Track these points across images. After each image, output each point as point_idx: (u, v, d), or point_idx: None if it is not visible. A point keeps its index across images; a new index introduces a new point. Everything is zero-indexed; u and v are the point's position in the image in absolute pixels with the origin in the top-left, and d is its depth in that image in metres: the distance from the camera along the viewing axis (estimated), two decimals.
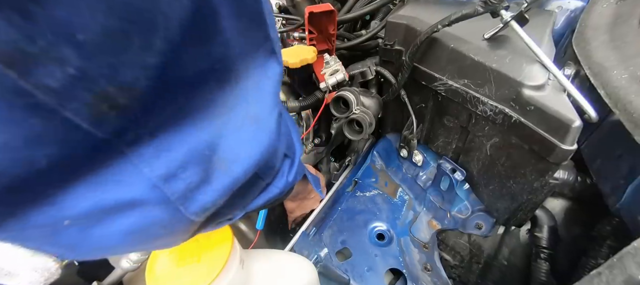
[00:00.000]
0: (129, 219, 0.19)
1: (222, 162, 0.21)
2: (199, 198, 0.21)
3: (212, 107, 0.21)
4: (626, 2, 0.49)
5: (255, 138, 0.24)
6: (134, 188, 0.18)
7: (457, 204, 0.62)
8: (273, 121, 0.25)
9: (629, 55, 0.41)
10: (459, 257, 0.71)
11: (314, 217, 0.67)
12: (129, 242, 0.21)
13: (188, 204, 0.20)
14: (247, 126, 0.23)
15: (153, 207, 0.19)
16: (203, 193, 0.21)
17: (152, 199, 0.19)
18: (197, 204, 0.21)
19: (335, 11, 0.59)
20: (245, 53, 0.22)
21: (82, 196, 0.17)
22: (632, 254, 0.29)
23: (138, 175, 0.18)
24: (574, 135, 0.38)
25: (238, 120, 0.22)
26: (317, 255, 0.61)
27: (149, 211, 0.19)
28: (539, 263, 0.58)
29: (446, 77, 0.51)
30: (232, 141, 0.22)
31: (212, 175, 0.21)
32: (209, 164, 0.21)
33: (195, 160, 0.20)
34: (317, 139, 0.75)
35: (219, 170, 0.21)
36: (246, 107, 0.23)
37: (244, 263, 0.38)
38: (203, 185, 0.21)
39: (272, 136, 0.25)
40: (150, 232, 0.21)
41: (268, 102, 0.25)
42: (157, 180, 0.19)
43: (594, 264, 0.48)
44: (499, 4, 0.42)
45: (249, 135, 0.23)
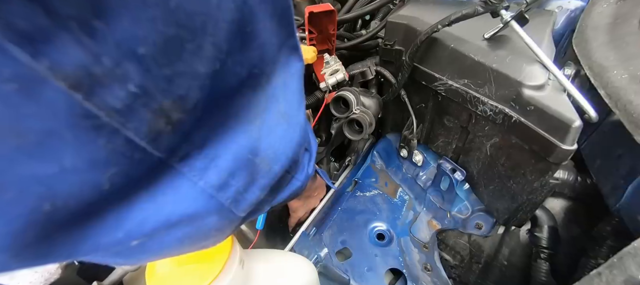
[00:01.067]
0: (189, 228, 0.20)
1: (263, 162, 0.23)
2: (247, 198, 0.22)
3: (249, 112, 0.21)
4: (626, 2, 0.49)
5: (287, 135, 0.25)
6: (193, 202, 0.19)
7: (457, 204, 0.62)
8: (301, 116, 0.27)
9: (629, 55, 0.41)
10: (459, 257, 0.71)
11: (314, 217, 0.67)
12: (185, 245, 0.22)
13: (239, 205, 0.22)
14: (280, 125, 0.24)
15: (211, 214, 0.20)
16: (250, 193, 0.22)
17: (210, 208, 0.20)
18: (246, 203, 0.22)
19: (335, 11, 0.59)
20: (275, 52, 0.23)
21: (147, 216, 0.18)
22: (632, 254, 0.29)
23: (194, 189, 0.19)
24: (574, 135, 0.38)
25: (272, 120, 0.23)
26: (317, 255, 0.61)
27: (208, 218, 0.21)
28: (539, 263, 0.58)
29: (446, 77, 0.51)
30: (269, 141, 0.23)
31: (257, 176, 0.22)
32: (253, 167, 0.22)
33: (241, 166, 0.21)
34: (317, 139, 0.75)
35: (261, 170, 0.23)
36: (277, 106, 0.23)
37: (244, 263, 0.38)
38: (249, 186, 0.22)
39: (301, 131, 0.26)
40: (206, 234, 0.22)
41: (295, 99, 0.26)
42: (212, 191, 0.20)
43: (594, 264, 0.48)
44: (499, 4, 0.42)
45: (282, 133, 0.24)
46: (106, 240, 0.17)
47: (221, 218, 0.21)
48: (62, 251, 0.16)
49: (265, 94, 0.22)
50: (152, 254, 0.22)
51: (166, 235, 0.19)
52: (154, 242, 0.19)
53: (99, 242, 0.17)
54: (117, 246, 0.18)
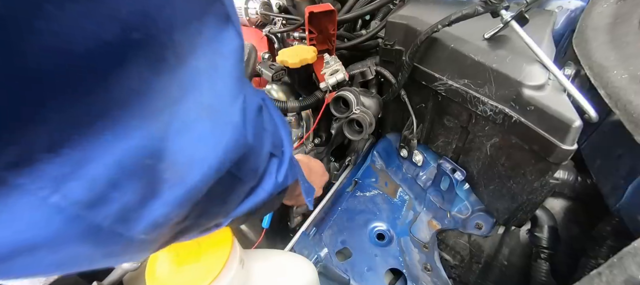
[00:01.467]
0: (56, 252, 0.15)
1: (171, 169, 0.17)
2: (144, 215, 0.17)
3: (147, 100, 0.16)
4: (626, 2, 0.49)
5: (212, 134, 0.19)
6: (43, 223, 0.14)
7: (457, 204, 0.62)
8: (236, 112, 0.20)
9: (629, 55, 0.41)
10: (459, 257, 0.71)
11: (314, 217, 0.67)
12: (63, 270, 0.17)
13: (130, 224, 0.16)
14: (201, 121, 0.18)
15: (81, 239, 0.15)
16: (149, 209, 0.17)
17: (74, 232, 0.15)
18: (144, 222, 0.17)
19: (335, 11, 0.59)
20: (186, 20, 0.17)
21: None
22: (632, 254, 0.29)
23: (42, 207, 0.14)
24: (574, 135, 0.38)
25: (188, 114, 0.18)
26: (317, 255, 0.61)
27: (75, 246, 0.15)
28: (539, 263, 0.58)
29: (446, 77, 0.51)
30: (181, 142, 0.17)
31: (161, 187, 0.17)
32: (152, 175, 0.17)
33: (131, 173, 0.16)
34: (317, 139, 0.75)
35: (169, 179, 0.17)
36: (197, 96, 0.18)
37: (244, 263, 0.38)
38: (148, 201, 0.17)
39: (236, 130, 0.20)
40: (95, 256, 0.17)
41: (227, 88, 0.20)
42: (77, 210, 0.14)
43: (594, 264, 0.48)
44: (499, 4, 0.42)
45: (204, 131, 0.19)
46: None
47: (103, 242, 0.16)
48: None
49: (177, 79, 0.17)
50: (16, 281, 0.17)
51: (21, 265, 0.15)
52: (10, 272, 0.15)
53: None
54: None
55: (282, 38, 0.83)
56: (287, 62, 0.58)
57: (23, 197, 0.13)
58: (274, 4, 0.89)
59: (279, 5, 0.87)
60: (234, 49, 0.20)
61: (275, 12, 0.86)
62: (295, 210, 0.73)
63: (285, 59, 0.58)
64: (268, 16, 0.87)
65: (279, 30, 0.81)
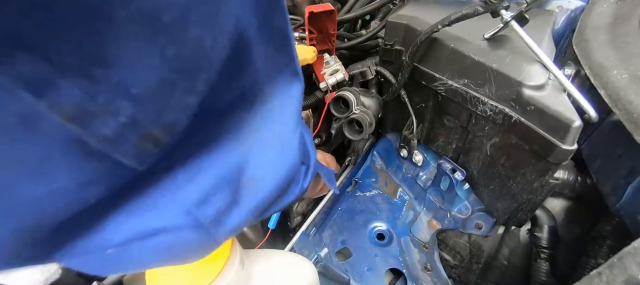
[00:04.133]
0: (164, 241, 0.19)
1: (250, 182, 0.22)
2: (228, 221, 0.21)
3: (240, 131, 0.21)
4: (626, 2, 0.49)
5: (280, 157, 0.24)
6: (169, 214, 0.19)
7: (457, 204, 0.62)
8: (296, 140, 0.26)
9: (629, 55, 0.41)
10: (459, 257, 0.71)
11: (314, 217, 0.67)
12: (160, 259, 0.21)
13: (219, 226, 0.21)
14: (273, 146, 0.24)
15: (186, 230, 0.20)
16: (233, 215, 0.21)
17: (186, 223, 0.19)
18: (227, 227, 0.21)
19: (335, 11, 0.59)
20: (272, 76, 0.23)
21: (123, 225, 0.18)
22: (632, 254, 0.29)
23: (172, 202, 0.19)
24: (574, 135, 0.38)
25: (264, 140, 0.23)
26: (317, 255, 0.61)
27: (183, 234, 0.20)
28: (539, 263, 0.58)
29: (446, 77, 0.51)
30: (259, 161, 0.22)
31: (241, 196, 0.22)
32: (237, 186, 0.21)
33: (225, 184, 0.20)
34: (317, 139, 0.75)
35: (247, 191, 0.22)
36: (272, 127, 0.23)
37: (244, 263, 0.38)
38: (233, 207, 0.21)
39: (295, 155, 0.26)
40: (181, 251, 0.21)
41: (292, 122, 0.25)
42: (190, 206, 0.19)
43: (594, 264, 0.48)
44: (499, 3, 0.42)
45: (274, 154, 0.24)
46: (85, 247, 0.17)
47: (198, 236, 0.20)
48: (42, 256, 0.16)
49: (259, 115, 0.22)
50: (128, 264, 0.21)
51: (141, 246, 0.19)
52: (131, 252, 0.19)
53: (76, 248, 0.17)
54: (95, 252, 0.18)
55: None
56: None
57: (164, 193, 0.18)
58: None
59: None
60: (298, 94, 0.26)
61: None
62: (295, 210, 0.73)
63: None
64: None
65: None
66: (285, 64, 0.24)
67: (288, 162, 0.25)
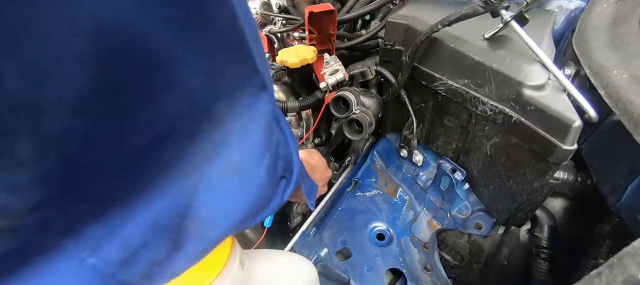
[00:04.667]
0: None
1: (194, 225, 0.18)
2: (168, 269, 0.18)
3: (181, 165, 0.17)
4: (626, 2, 0.49)
5: (238, 193, 0.20)
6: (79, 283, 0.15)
7: (457, 204, 0.62)
8: (262, 171, 0.21)
9: (629, 55, 0.41)
10: (459, 257, 0.71)
11: (314, 217, 0.67)
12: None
13: (155, 279, 0.17)
14: (228, 179, 0.19)
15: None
16: (173, 262, 0.18)
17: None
18: (166, 275, 0.18)
19: (335, 11, 0.59)
20: (228, 93, 0.18)
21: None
22: (632, 254, 0.29)
23: (81, 270, 0.15)
24: (574, 135, 0.38)
25: (216, 173, 0.18)
26: (317, 255, 0.61)
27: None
28: (539, 263, 0.58)
29: (446, 77, 0.51)
30: (208, 199, 0.18)
31: (184, 241, 0.18)
32: (179, 232, 0.17)
33: (161, 232, 0.16)
34: (317, 139, 0.75)
35: (191, 235, 0.18)
36: (227, 156, 0.19)
37: (244, 263, 0.38)
38: (173, 254, 0.17)
39: (261, 188, 0.21)
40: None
41: (256, 149, 0.21)
42: (110, 269, 0.15)
43: (594, 264, 0.48)
44: (499, 4, 0.42)
45: (230, 189, 0.19)
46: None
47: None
48: None
49: (210, 142, 0.17)
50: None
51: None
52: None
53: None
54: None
55: (282, 38, 0.83)
56: (287, 62, 0.58)
57: (65, 259, 0.14)
58: (274, 4, 0.89)
59: (279, 5, 0.87)
60: (265, 113, 0.21)
61: (275, 12, 0.86)
62: (295, 210, 0.73)
63: (285, 59, 0.58)
64: (268, 16, 0.87)
65: (279, 30, 0.81)
66: (248, 76, 0.19)
67: (249, 199, 0.21)
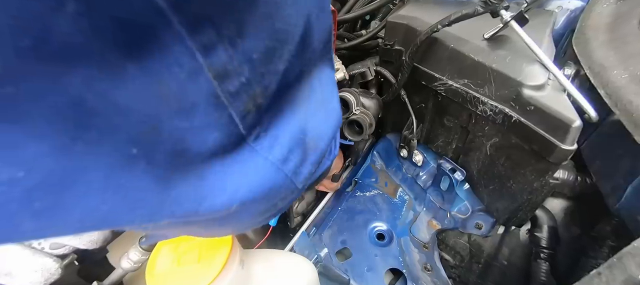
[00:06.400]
0: (265, 196, 0.24)
1: (311, 141, 0.26)
2: (303, 171, 0.26)
3: (298, 99, 0.25)
4: (626, 2, 0.49)
5: (326, 118, 0.29)
6: (267, 173, 0.23)
7: (457, 204, 0.62)
8: (336, 101, 0.32)
9: (629, 55, 0.41)
10: (459, 257, 0.71)
11: (314, 217, 0.67)
12: (259, 214, 0.26)
13: (298, 177, 0.26)
14: (320, 110, 0.28)
15: (279, 184, 0.24)
16: (304, 167, 0.26)
17: (279, 179, 0.24)
18: (302, 175, 0.26)
19: (335, 11, 0.59)
20: (319, 60, 0.28)
21: (237, 189, 0.21)
22: (632, 254, 0.29)
23: (266, 163, 0.23)
24: (574, 135, 0.38)
25: (313, 106, 0.27)
26: (317, 255, 0.61)
27: (277, 188, 0.24)
28: (539, 263, 0.58)
29: (446, 77, 0.51)
30: (314, 123, 0.27)
31: (308, 152, 0.26)
32: (304, 145, 0.26)
33: (296, 143, 0.25)
34: None
35: (310, 147, 0.27)
36: (316, 95, 0.28)
37: (244, 263, 0.38)
38: (304, 161, 0.26)
39: (337, 114, 0.31)
40: (274, 200, 0.26)
41: (329, 90, 0.31)
42: (278, 164, 0.23)
43: (594, 264, 0.48)
44: (499, 4, 0.42)
45: (322, 117, 0.28)
46: (202, 205, 0.20)
47: (286, 187, 0.25)
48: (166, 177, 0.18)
49: (309, 84, 0.27)
50: (234, 224, 0.26)
51: (250, 204, 0.23)
52: (238, 214, 0.23)
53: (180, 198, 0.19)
54: (211, 213, 0.21)
55: None
56: None
57: (256, 157, 0.22)
58: None
59: None
60: (332, 75, 0.32)
61: None
62: (295, 210, 0.73)
63: None
64: None
65: None
66: (326, 51, 0.29)
67: (331, 121, 0.30)
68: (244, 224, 0.30)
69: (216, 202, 0.21)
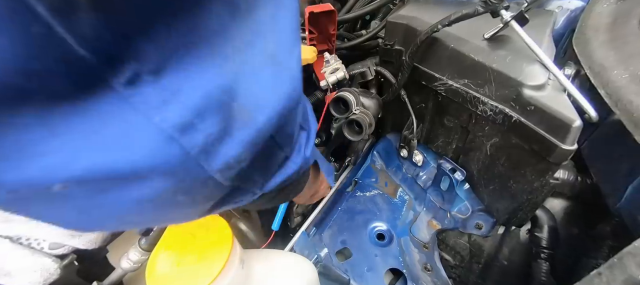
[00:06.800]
0: (145, 183, 0.16)
1: (242, 109, 0.18)
2: (221, 151, 0.18)
3: (224, 41, 0.17)
4: (626, 2, 0.49)
5: (275, 81, 0.20)
6: (145, 142, 0.15)
7: (457, 204, 0.62)
8: (294, 62, 0.22)
9: (629, 55, 0.41)
10: (459, 257, 0.71)
11: (314, 217, 0.67)
12: (145, 211, 0.18)
13: (210, 159, 0.17)
14: (266, 67, 0.19)
15: (172, 164, 0.16)
16: (225, 146, 0.18)
17: (170, 154, 0.16)
18: (220, 158, 0.18)
19: (335, 11, 0.59)
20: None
21: (79, 149, 0.14)
22: (632, 254, 0.29)
23: (147, 126, 0.15)
24: (574, 135, 0.38)
25: (256, 60, 0.19)
26: (317, 255, 0.61)
27: (168, 170, 0.16)
28: (539, 263, 0.58)
29: (446, 77, 0.51)
30: (251, 85, 0.18)
31: (233, 125, 0.18)
32: (228, 112, 0.17)
33: (212, 107, 0.17)
34: (317, 139, 0.75)
35: (240, 119, 0.18)
36: (263, 44, 0.19)
37: (244, 263, 0.38)
38: (225, 137, 0.18)
39: (294, 81, 0.22)
40: (170, 197, 0.18)
41: (287, 38, 0.21)
42: (172, 131, 0.15)
43: (594, 264, 0.48)
44: (499, 3, 0.42)
45: (268, 78, 0.20)
46: (16, 172, 0.13)
47: (188, 173, 0.17)
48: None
49: (246, 25, 0.18)
50: (104, 218, 0.17)
51: (117, 189, 0.16)
52: (102, 199, 0.16)
53: (6, 173, 0.13)
54: (32, 187, 0.14)
55: None
56: None
57: (133, 115, 0.14)
58: None
59: None
60: (292, 2, 0.21)
61: None
62: (295, 210, 0.73)
63: None
64: None
65: None
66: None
67: (285, 88, 0.21)
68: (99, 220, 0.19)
69: (29, 169, 0.14)
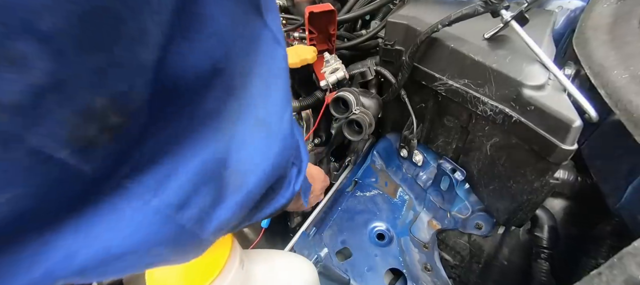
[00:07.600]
0: (145, 258, 0.18)
1: (233, 176, 0.20)
2: (214, 216, 0.19)
3: (219, 118, 0.18)
4: (626, 2, 0.49)
5: (266, 145, 0.22)
6: (142, 226, 0.16)
7: (457, 204, 0.62)
8: (285, 124, 0.23)
9: (629, 55, 0.41)
10: (459, 257, 0.71)
11: (314, 217, 0.67)
12: (138, 269, 0.20)
13: (204, 226, 0.19)
14: (257, 134, 0.21)
15: (169, 239, 0.18)
16: (217, 213, 0.19)
17: (167, 231, 0.17)
18: (213, 224, 0.19)
19: (335, 11, 0.59)
20: (247, 46, 0.19)
21: (77, 249, 0.15)
22: (633, 254, 0.29)
23: (144, 209, 0.16)
24: (574, 135, 0.38)
25: (247, 129, 0.20)
26: (317, 255, 0.61)
27: (165, 243, 0.18)
28: (539, 263, 0.58)
29: (446, 77, 0.51)
30: (242, 152, 0.20)
31: (225, 192, 0.19)
32: (221, 181, 0.19)
33: (206, 180, 0.18)
34: (317, 138, 0.75)
35: (232, 184, 0.20)
36: (255, 111, 0.20)
37: (244, 263, 0.38)
38: (217, 205, 0.19)
39: (285, 141, 0.23)
40: (166, 259, 0.20)
41: (278, 103, 0.22)
42: (168, 211, 0.17)
43: (594, 264, 0.48)
44: (499, 3, 0.42)
45: (259, 143, 0.21)
46: (19, 281, 0.13)
47: (183, 241, 0.18)
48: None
49: (240, 100, 0.19)
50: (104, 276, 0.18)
51: (108, 267, 0.16)
52: (86, 277, 0.16)
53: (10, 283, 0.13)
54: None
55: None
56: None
57: (131, 201, 0.16)
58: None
59: (279, 5, 0.87)
60: (283, 68, 0.23)
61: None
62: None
63: None
64: None
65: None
66: (260, 29, 0.20)
67: (274, 151, 0.22)
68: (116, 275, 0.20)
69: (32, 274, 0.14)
